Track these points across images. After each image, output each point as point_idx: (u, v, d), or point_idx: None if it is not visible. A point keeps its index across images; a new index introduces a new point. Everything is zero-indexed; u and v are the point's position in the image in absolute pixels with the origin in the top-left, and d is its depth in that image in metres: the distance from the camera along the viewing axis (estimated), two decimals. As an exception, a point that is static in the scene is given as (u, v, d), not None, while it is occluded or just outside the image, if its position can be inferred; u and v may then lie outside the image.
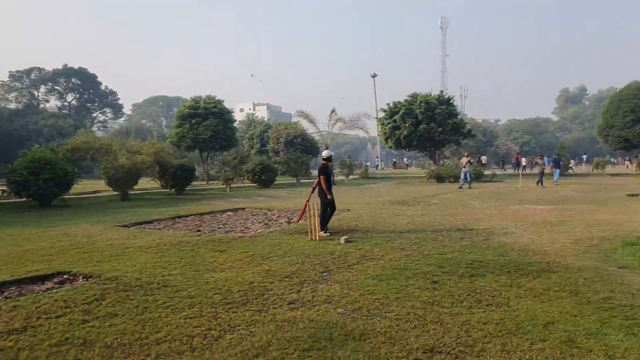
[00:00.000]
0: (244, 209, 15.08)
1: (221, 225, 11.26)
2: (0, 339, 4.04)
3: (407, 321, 4.40)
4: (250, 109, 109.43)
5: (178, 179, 21.35)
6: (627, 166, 47.35)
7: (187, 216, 13.07)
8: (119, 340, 4.00)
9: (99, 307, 4.80)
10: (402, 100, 37.57)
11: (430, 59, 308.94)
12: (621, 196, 16.96)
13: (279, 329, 4.22)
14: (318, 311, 4.72)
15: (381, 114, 39.13)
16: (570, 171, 38.96)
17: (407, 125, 35.29)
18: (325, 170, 9.66)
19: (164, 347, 3.85)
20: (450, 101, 38.84)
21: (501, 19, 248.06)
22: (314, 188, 9.91)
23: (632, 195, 17.51)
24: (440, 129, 35.02)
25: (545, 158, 32.79)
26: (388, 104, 37.95)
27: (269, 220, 12.21)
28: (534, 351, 3.66)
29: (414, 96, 37.48)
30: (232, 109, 34.93)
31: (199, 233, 9.92)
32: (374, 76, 58.29)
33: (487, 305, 4.83)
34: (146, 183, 22.97)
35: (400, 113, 35.77)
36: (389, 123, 36.60)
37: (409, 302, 4.94)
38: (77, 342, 3.96)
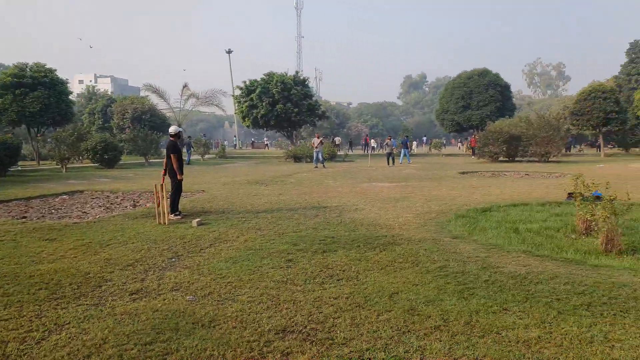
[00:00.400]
0: (82, 191, 13.58)
1: (53, 211, 9.95)
2: None
3: (260, 303, 4.27)
4: (91, 81, 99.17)
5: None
6: (459, 147, 53.68)
7: (8, 201, 11.27)
8: None
9: None
10: (258, 79, 37.32)
11: (287, 39, 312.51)
12: (454, 174, 19.05)
13: (117, 324, 3.77)
14: (164, 300, 4.35)
15: (237, 92, 38.43)
16: (412, 151, 42.80)
17: (264, 104, 35.23)
18: (176, 148, 9.06)
19: (-36, 360, 3.16)
20: (306, 82, 39.74)
21: (353, 4, 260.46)
22: (165, 169, 9.24)
23: (463, 172, 19.81)
24: (296, 110, 35.66)
25: (392, 139, 35.50)
26: (244, 82, 37.41)
27: (112, 203, 11.15)
28: (381, 322, 3.80)
29: (270, 75, 37.50)
30: (67, 79, 31.01)
31: (23, 220, 8.61)
32: (229, 52, 56.81)
33: (338, 280, 4.93)
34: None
35: (257, 92, 35.54)
36: (245, 101, 36.16)
37: (263, 283, 4.82)
38: None
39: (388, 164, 25.60)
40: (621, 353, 3.17)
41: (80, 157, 24.13)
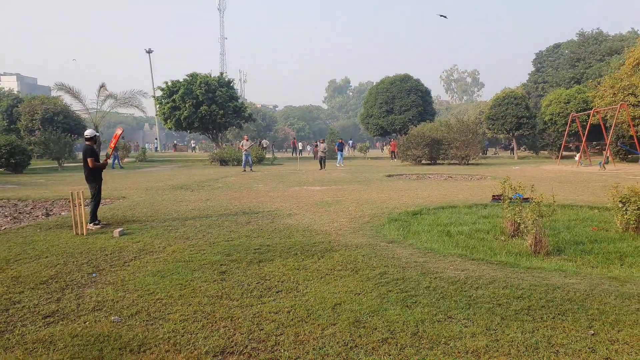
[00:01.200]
0: (-16, 199, 12.22)
1: (-51, 222, 8.80)
2: None
3: (195, 321, 3.93)
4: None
5: None
6: (382, 150, 55.06)
7: None
8: None
9: None
10: (181, 80, 35.98)
11: (210, 40, 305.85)
12: (381, 177, 19.40)
13: (27, 354, 3.27)
14: (84, 323, 3.87)
15: (159, 93, 36.80)
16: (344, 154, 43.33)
17: (187, 105, 34.00)
18: (93, 152, 8.36)
19: None
20: (231, 84, 38.92)
21: (277, 8, 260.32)
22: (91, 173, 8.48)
23: (389, 175, 20.25)
24: (222, 112, 34.77)
25: (320, 143, 35.62)
26: (166, 83, 35.89)
27: (20, 213, 10.10)
28: (326, 337, 3.61)
29: (194, 76, 36.32)
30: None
31: None
32: (149, 52, 54.47)
33: (277, 292, 4.69)
34: None
35: (180, 93, 34.24)
36: (167, 103, 34.69)
37: (196, 299, 4.47)
38: None
39: (321, 167, 25.59)
40: (566, 359, 3.21)
41: (-19, 162, 21.86)
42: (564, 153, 32.03)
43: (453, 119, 34.40)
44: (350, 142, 57.38)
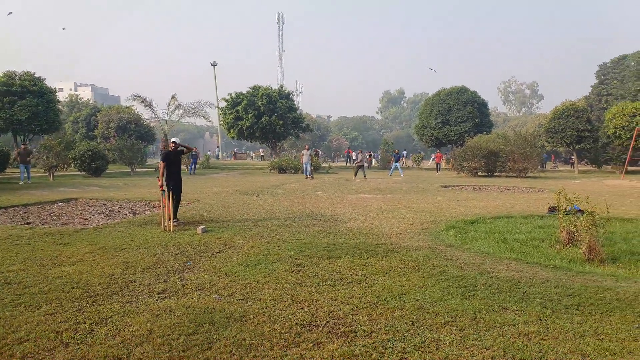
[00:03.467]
0: (76, 199, 13.70)
1: (54, 217, 10.11)
2: None
3: (281, 301, 4.65)
4: (71, 89, 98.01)
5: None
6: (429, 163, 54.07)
7: (6, 207, 11.38)
8: (-33, 345, 3.47)
9: None
10: (244, 92, 37.72)
11: (268, 53, 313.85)
12: (437, 187, 19.70)
13: (156, 318, 4.11)
14: (192, 298, 4.69)
15: (223, 104, 38.75)
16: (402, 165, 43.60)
17: (249, 116, 35.60)
18: (165, 157, 9.36)
19: (29, 345, 3.46)
20: (290, 96, 40.32)
21: (334, 21, 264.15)
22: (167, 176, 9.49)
23: (445, 186, 20.49)
24: (281, 122, 36.11)
25: (373, 153, 36.15)
26: (230, 94, 37.76)
27: (110, 211, 11.35)
28: (395, 318, 4.22)
29: (256, 88, 37.96)
30: (56, 88, 30.93)
31: (29, 226, 8.79)
32: (214, 65, 57.17)
33: (348, 282, 5.34)
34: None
35: (243, 104, 35.92)
36: (231, 113, 36.48)
37: (279, 284, 5.20)
38: None
39: (359, 174, 25.57)
40: (610, 344, 3.66)
41: (66, 166, 24.03)
42: (630, 168, 30.81)
43: (511, 132, 33.94)
44: (404, 152, 57.43)
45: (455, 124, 43.30)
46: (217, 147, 72.79)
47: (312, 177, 24.13)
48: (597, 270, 5.91)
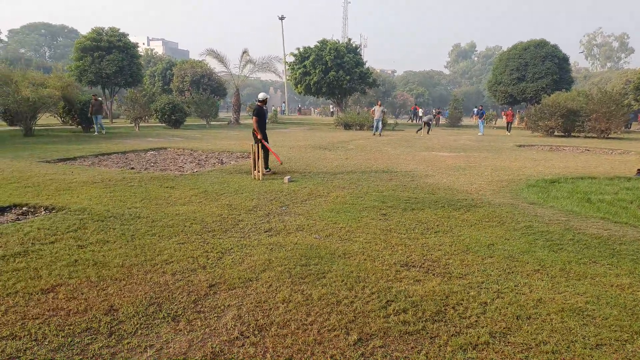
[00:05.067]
0: (165, 148, 14.77)
1: (152, 164, 11.08)
2: (7, 262, 4.06)
3: (376, 244, 5.07)
4: (144, 44, 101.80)
5: (85, 116, 19.94)
6: (495, 122, 51.21)
7: (109, 154, 12.57)
8: (128, 261, 4.19)
9: (86, 235, 4.87)
10: (312, 46, 37.68)
11: (333, 2, 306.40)
12: (511, 146, 19.25)
13: (270, 250, 4.67)
14: (296, 237, 5.22)
15: (290, 59, 39.03)
16: (461, 122, 42.46)
17: (317, 71, 35.72)
18: (259, 112, 9.90)
19: (175, 266, 4.13)
20: (358, 50, 39.79)
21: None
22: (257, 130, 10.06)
23: (520, 145, 19.96)
24: (348, 77, 35.97)
25: (441, 110, 35.34)
26: (298, 49, 37.86)
27: (199, 160, 12.21)
28: (486, 264, 4.53)
29: (324, 42, 37.76)
30: (137, 43, 32.50)
31: (134, 170, 9.74)
32: (282, 18, 57.11)
33: (435, 232, 5.67)
34: (45, 119, 21.17)
35: (311, 59, 36.00)
36: (299, 68, 36.73)
37: (370, 230, 5.63)
38: (88, 263, 4.10)
39: (422, 130, 25.50)
40: (703, 296, 3.79)
41: (147, 117, 25.58)
42: None
43: (594, 89, 31.89)
44: (475, 110, 55.51)
45: (531, 80, 41.14)
46: (283, 102, 73.62)
47: (381, 135, 24.20)
48: (691, 232, 5.85)
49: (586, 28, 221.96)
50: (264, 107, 10.32)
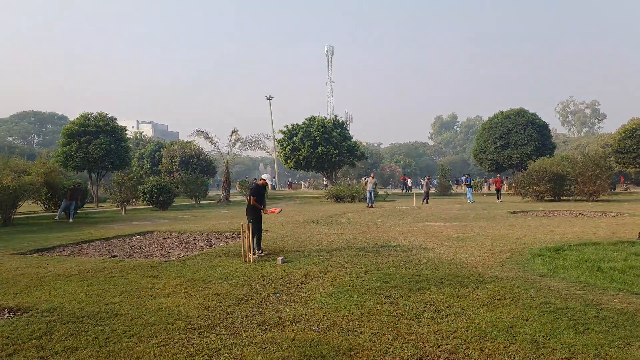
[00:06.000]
0: (152, 232, 14.23)
1: (136, 250, 10.52)
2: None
3: (384, 335, 4.53)
4: (133, 127, 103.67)
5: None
6: (485, 188, 50.85)
7: (91, 241, 11.99)
8: (97, 376, 3.59)
9: (52, 342, 4.25)
10: (300, 123, 38.44)
11: (316, 83, 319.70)
12: (505, 213, 19.00)
13: (265, 351, 4.10)
14: (293, 331, 4.66)
15: (279, 136, 39.63)
16: (451, 191, 42.60)
17: (306, 146, 36.14)
18: (257, 191, 9.64)
19: (154, 379, 3.54)
20: (344, 125, 40.65)
21: (378, 47, 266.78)
22: (251, 208, 9.69)
23: (514, 212, 19.73)
24: (337, 151, 36.37)
25: (432, 179, 35.55)
26: (287, 126, 38.60)
27: (186, 243, 11.68)
28: (509, 353, 4.01)
29: (311, 119, 38.59)
30: (126, 126, 32.85)
31: (117, 258, 9.17)
32: (269, 98, 58.84)
33: (446, 315, 5.15)
34: (27, 206, 20.62)
35: (299, 135, 36.56)
36: (288, 144, 37.18)
37: (376, 317, 5.09)
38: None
39: (423, 201, 26.17)
40: None
41: (134, 200, 25.16)
42: None
43: (578, 153, 32.46)
44: (463, 178, 56.07)
45: (515, 147, 41.98)
46: (273, 177, 74.06)
47: (373, 206, 23.95)
48: None
49: (560, 96, 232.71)
50: (265, 185, 10.07)
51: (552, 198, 28.98)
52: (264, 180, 9.97)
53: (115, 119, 31.09)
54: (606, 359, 3.83)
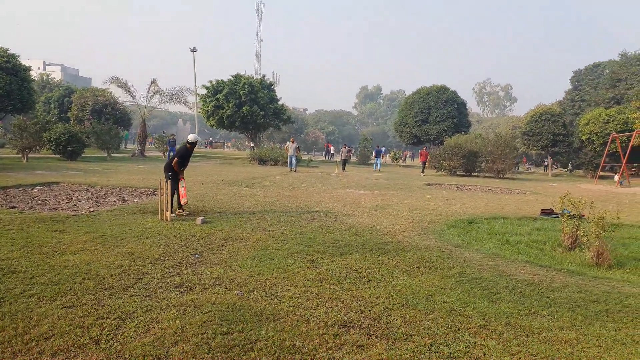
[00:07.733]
0: (57, 183, 13.11)
1: (39, 202, 9.62)
2: None
3: (307, 299, 4.48)
4: (39, 68, 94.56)
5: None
6: (403, 160, 53.03)
7: (-15, 189, 10.78)
8: (-12, 341, 3.17)
9: None
10: (225, 80, 37.02)
11: (245, 40, 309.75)
12: (421, 185, 19.79)
13: (183, 314, 3.87)
14: (213, 294, 4.46)
15: (202, 91, 37.95)
16: (371, 160, 43.67)
17: (230, 105, 34.99)
18: (184, 154, 9.17)
19: (56, 342, 3.19)
20: (272, 87, 39.82)
21: (311, 11, 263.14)
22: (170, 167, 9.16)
23: (429, 184, 20.61)
24: (262, 113, 35.64)
25: (348, 147, 36.09)
26: (211, 82, 36.98)
27: (97, 197, 10.88)
28: (430, 320, 4.11)
29: (238, 77, 37.31)
30: (30, 66, 29.57)
31: (16, 210, 8.31)
32: (193, 50, 55.78)
33: (368, 281, 5.21)
34: None
35: (224, 92, 35.26)
36: (211, 101, 35.76)
37: (300, 281, 5.02)
38: None
39: (343, 169, 26.74)
40: (652, 351, 3.64)
41: (38, 148, 23.04)
42: (600, 173, 31.76)
43: (486, 132, 34.52)
44: (382, 149, 57.66)
45: (434, 123, 43.68)
46: (194, 134, 71.39)
47: (296, 170, 23.90)
48: (611, 276, 5.96)
49: (478, 77, 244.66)
50: (193, 149, 9.56)
51: (464, 173, 30.68)
52: (192, 143, 9.39)
53: (18, 55, 27.84)
54: (516, 326, 4.05)
